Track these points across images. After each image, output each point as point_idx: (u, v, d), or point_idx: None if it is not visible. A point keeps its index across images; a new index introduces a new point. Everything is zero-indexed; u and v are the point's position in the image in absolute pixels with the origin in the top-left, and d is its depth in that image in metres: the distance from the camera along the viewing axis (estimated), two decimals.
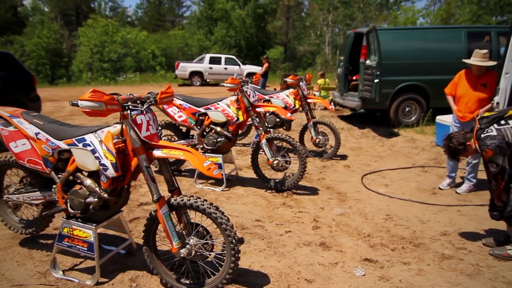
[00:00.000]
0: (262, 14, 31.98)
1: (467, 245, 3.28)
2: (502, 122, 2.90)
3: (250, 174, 4.90)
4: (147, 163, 2.26)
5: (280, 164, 4.37)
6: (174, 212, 2.38)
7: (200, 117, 4.60)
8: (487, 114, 3.09)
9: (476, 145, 2.99)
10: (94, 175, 2.43)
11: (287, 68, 28.98)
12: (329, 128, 5.93)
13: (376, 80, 7.21)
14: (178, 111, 4.61)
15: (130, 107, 2.21)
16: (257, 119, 4.38)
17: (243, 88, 4.28)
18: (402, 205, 4.25)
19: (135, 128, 2.20)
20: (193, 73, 20.10)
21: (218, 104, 4.49)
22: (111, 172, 2.28)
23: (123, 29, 28.65)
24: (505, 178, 2.82)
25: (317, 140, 5.93)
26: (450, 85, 4.50)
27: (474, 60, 4.14)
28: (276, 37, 35.86)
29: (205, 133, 4.62)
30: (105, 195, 2.38)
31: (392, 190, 4.73)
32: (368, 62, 7.80)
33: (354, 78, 9.74)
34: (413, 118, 8.32)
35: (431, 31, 9.08)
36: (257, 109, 4.39)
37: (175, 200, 2.31)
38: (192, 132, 4.99)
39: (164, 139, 4.81)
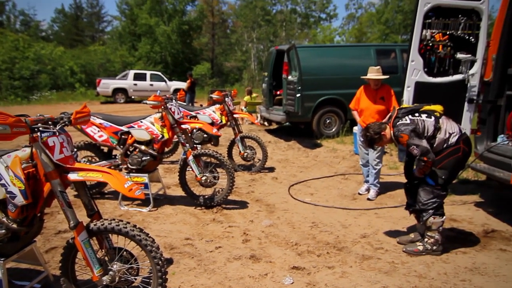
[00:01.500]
0: (188, 30, 31.96)
1: (384, 245, 3.55)
2: (416, 114, 3.26)
3: (179, 192, 4.81)
4: (62, 188, 2.12)
5: (208, 180, 4.37)
6: (94, 238, 2.25)
7: (123, 136, 4.43)
8: (405, 105, 3.44)
9: (392, 132, 3.29)
10: (0, 204, 2.21)
11: (215, 84, 29.18)
12: (256, 142, 6.07)
13: (298, 95, 7.60)
14: (98, 131, 4.39)
15: (41, 128, 2.07)
16: (183, 136, 4.35)
17: (167, 105, 4.22)
18: (326, 212, 4.48)
19: (47, 151, 2.06)
20: (117, 90, 19.33)
21: (141, 122, 4.37)
22: (19, 200, 2.10)
23: (36, 44, 26.53)
24: (431, 156, 3.10)
25: (245, 154, 6.05)
26: (353, 101, 4.92)
27: (370, 75, 4.61)
28: (202, 53, 36.01)
29: (128, 153, 4.45)
30: (14, 226, 2.18)
31: (317, 198, 4.97)
32: (290, 77, 8.20)
33: (278, 93, 10.15)
34: (333, 130, 8.88)
35: (345, 48, 9.88)
36: (183, 126, 4.36)
37: (94, 225, 2.19)
38: (114, 152, 4.77)
39: (84, 161, 4.56)
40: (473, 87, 4.40)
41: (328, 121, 8.89)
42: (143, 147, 4.35)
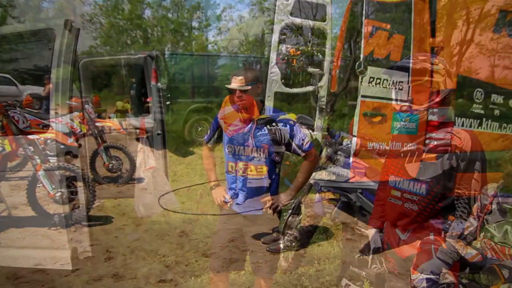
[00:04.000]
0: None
1: (250, 246, 3.71)
2: (273, 124, 3.48)
3: (29, 212, 4.21)
4: None
5: (64, 196, 3.93)
6: None
7: None
8: (263, 116, 3.65)
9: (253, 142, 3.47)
10: None
11: (79, 90, 26.69)
12: (122, 152, 5.74)
13: (168, 102, 7.47)
14: None
15: None
16: (31, 147, 3.83)
17: (9, 112, 3.67)
18: (196, 219, 4.46)
19: None
20: None
21: None
22: None
23: None
24: (291, 160, 3.35)
25: (110, 165, 5.65)
26: (220, 111, 5.08)
27: (233, 85, 4.82)
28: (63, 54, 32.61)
29: None
30: None
31: (188, 207, 4.92)
32: (159, 85, 8.01)
33: (148, 100, 9.81)
34: (205, 137, 8.99)
35: (215, 57, 10.14)
36: (30, 136, 3.83)
37: None
38: None
39: None
40: (322, 97, 4.97)
41: (200, 128, 8.96)
42: None
